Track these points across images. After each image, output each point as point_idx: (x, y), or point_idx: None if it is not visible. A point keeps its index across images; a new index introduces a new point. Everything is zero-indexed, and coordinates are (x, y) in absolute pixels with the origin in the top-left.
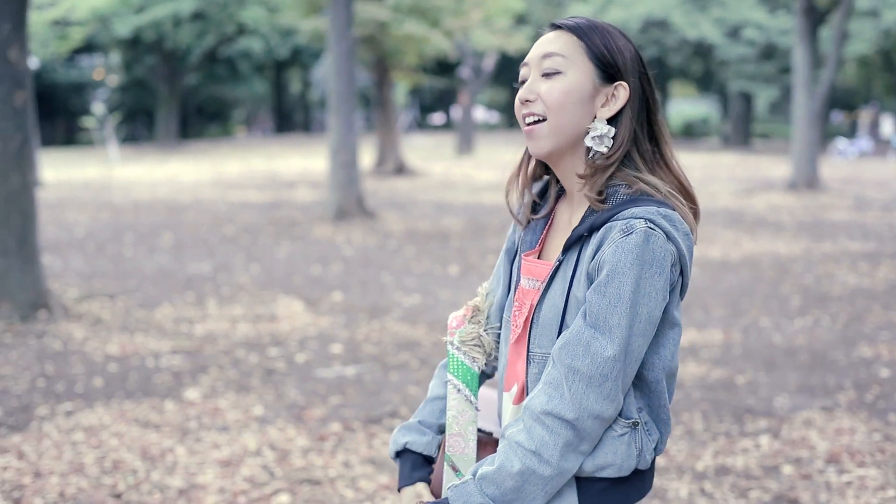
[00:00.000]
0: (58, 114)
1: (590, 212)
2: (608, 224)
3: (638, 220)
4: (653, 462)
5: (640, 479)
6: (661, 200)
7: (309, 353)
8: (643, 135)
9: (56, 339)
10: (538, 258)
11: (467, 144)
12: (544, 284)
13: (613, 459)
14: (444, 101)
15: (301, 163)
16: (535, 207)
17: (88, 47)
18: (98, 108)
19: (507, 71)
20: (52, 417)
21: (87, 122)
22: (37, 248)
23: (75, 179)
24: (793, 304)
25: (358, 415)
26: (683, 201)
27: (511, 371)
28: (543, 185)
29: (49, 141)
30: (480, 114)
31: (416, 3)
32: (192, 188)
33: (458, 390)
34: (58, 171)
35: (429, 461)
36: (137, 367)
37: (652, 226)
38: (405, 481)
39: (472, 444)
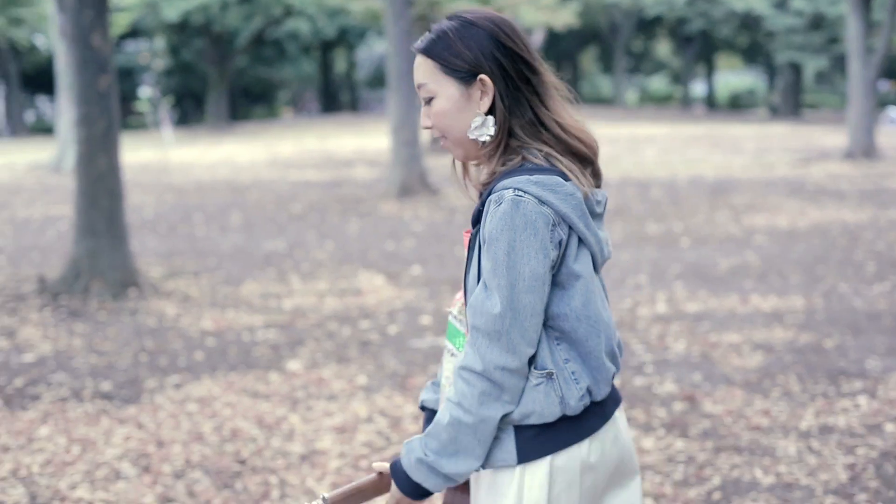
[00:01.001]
0: None
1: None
2: (488, 198)
3: (507, 191)
4: (591, 406)
5: (572, 423)
6: (538, 167)
7: (399, 324)
8: (521, 109)
9: (150, 316)
10: None
11: None
12: (466, 257)
13: (534, 408)
14: None
15: (353, 142)
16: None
17: (134, 32)
18: (148, 91)
19: (554, 47)
20: (162, 390)
21: (141, 105)
22: (125, 228)
23: (132, 162)
24: (868, 269)
25: None
26: (568, 161)
27: None
28: None
29: None
30: None
31: None
32: (249, 169)
33: (452, 354)
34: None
35: None
36: (234, 340)
37: (520, 193)
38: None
39: None
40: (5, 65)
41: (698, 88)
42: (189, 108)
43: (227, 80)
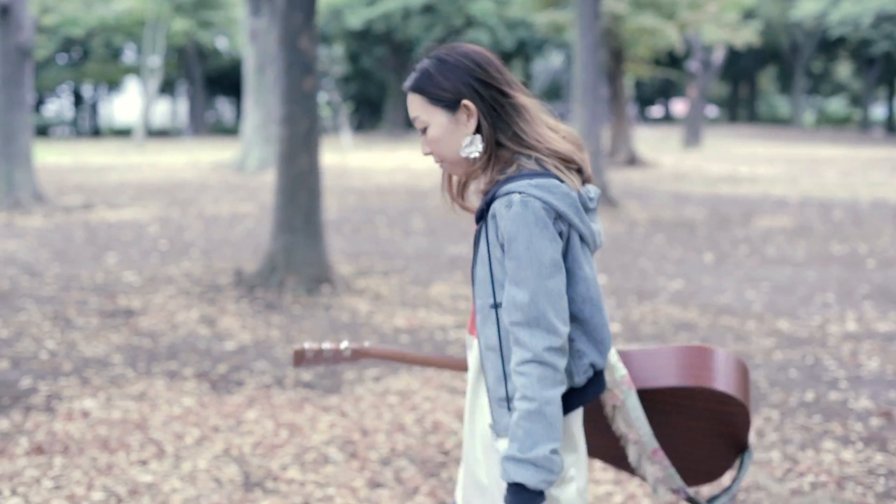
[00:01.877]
0: None
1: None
2: (495, 202)
3: (514, 195)
4: (594, 376)
5: (577, 393)
6: (534, 172)
7: None
8: (503, 125)
9: (343, 312)
10: None
11: (695, 137)
12: (473, 251)
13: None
14: (662, 93)
15: None
16: None
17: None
18: (330, 97)
19: (733, 65)
20: (362, 382)
21: (322, 110)
22: (321, 226)
23: None
24: None
25: None
26: (555, 163)
27: None
28: None
29: None
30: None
31: None
32: (428, 175)
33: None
34: None
35: None
36: (427, 338)
37: (525, 195)
38: None
39: None
40: (191, 67)
41: (878, 111)
42: (365, 114)
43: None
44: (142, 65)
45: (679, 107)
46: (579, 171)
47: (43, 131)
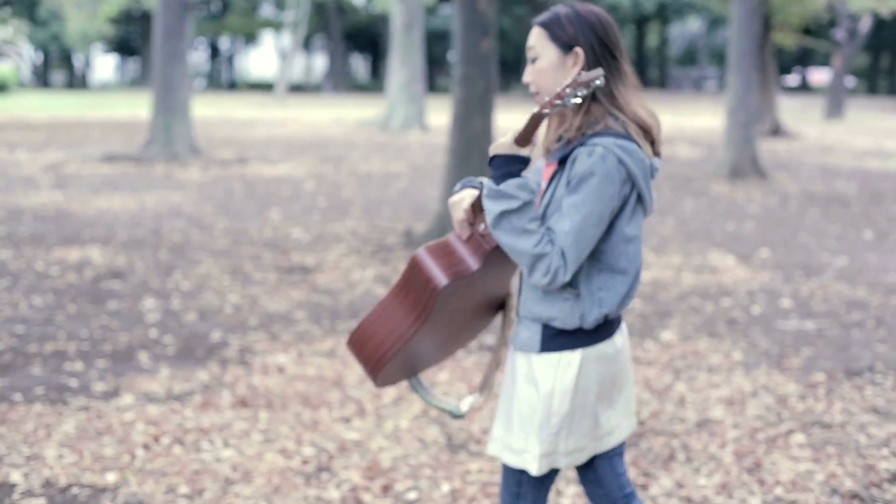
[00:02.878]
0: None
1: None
2: (580, 148)
3: (597, 146)
4: (604, 323)
5: (586, 334)
6: (619, 133)
7: (761, 305)
8: (608, 82)
9: None
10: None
11: (837, 108)
12: (545, 185)
13: (558, 314)
14: (799, 61)
15: (666, 119)
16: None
17: None
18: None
19: (875, 35)
20: None
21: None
22: None
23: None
24: None
25: (836, 366)
26: (640, 134)
27: None
28: None
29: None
30: (822, 76)
31: None
32: None
33: None
34: (438, 116)
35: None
36: None
37: (606, 151)
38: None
39: None
40: (330, 22)
41: None
42: (501, 75)
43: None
44: (280, 19)
45: (816, 76)
46: (652, 143)
47: None
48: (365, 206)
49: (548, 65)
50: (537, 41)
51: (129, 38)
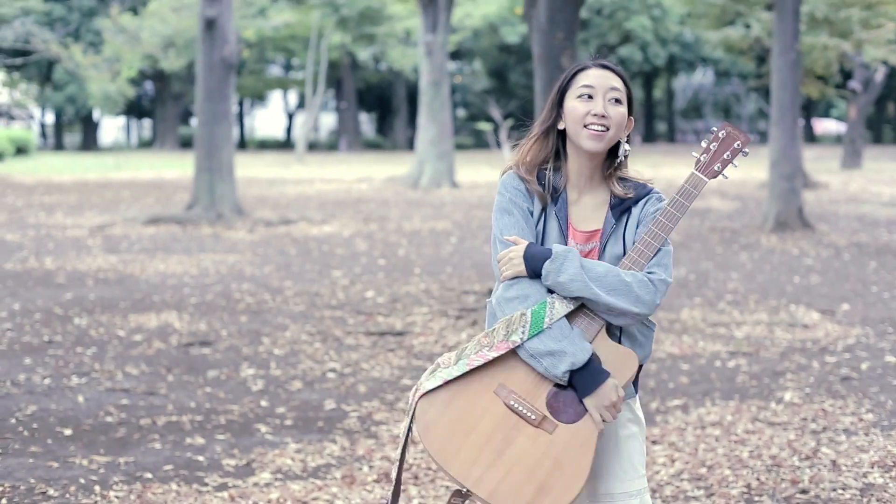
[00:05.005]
0: None
1: (620, 191)
2: (647, 197)
3: (658, 194)
4: None
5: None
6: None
7: (867, 361)
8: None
9: None
10: (576, 229)
11: (855, 158)
12: (602, 243)
13: (648, 352)
14: (805, 110)
15: (685, 172)
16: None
17: (456, 54)
18: (491, 113)
19: (886, 85)
20: (670, 412)
21: (483, 125)
22: None
23: (481, 181)
24: None
25: None
26: None
27: None
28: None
29: None
30: (833, 126)
31: (830, 13)
32: None
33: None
34: (463, 172)
35: None
36: (708, 367)
37: (662, 196)
38: None
39: None
40: (343, 81)
41: None
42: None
43: None
44: (288, 79)
45: (819, 127)
46: None
47: (188, 143)
48: (425, 265)
49: (624, 114)
50: (622, 88)
51: (138, 100)
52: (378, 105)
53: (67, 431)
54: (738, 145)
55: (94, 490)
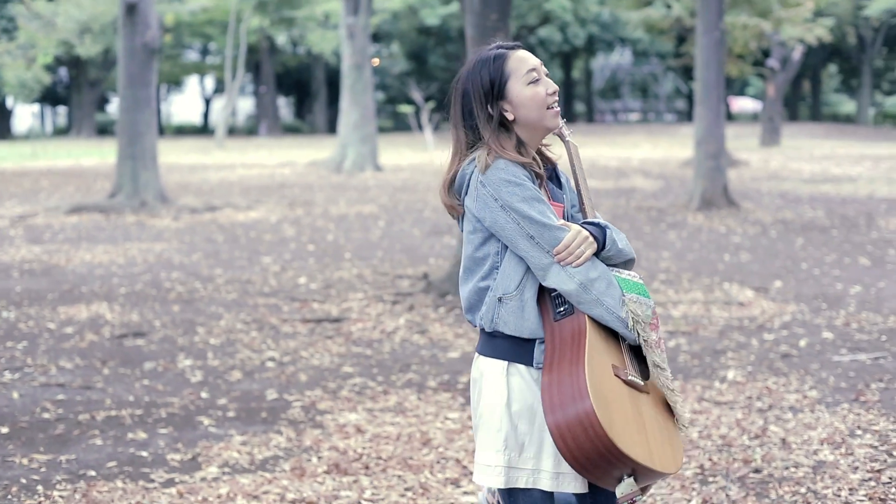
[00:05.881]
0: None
1: (549, 164)
2: (556, 164)
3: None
4: None
5: None
6: None
7: (805, 338)
8: None
9: None
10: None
11: (774, 136)
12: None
13: None
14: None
15: (609, 152)
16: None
17: (374, 36)
18: (412, 95)
19: (804, 64)
20: None
21: (404, 108)
22: None
23: (404, 164)
24: None
25: None
26: None
27: None
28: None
29: None
30: (749, 104)
31: None
32: None
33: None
34: (386, 155)
35: None
36: None
37: None
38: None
39: None
40: (262, 65)
41: None
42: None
43: None
44: (205, 64)
45: (737, 104)
46: None
47: (105, 130)
48: (355, 250)
49: None
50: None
51: (53, 86)
52: (296, 89)
53: (4, 430)
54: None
55: (37, 490)
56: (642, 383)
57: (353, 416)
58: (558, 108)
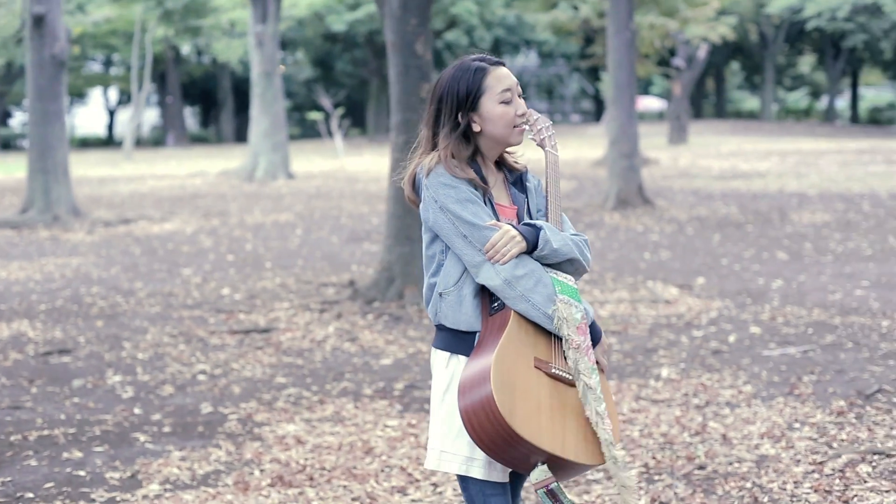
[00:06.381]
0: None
1: (514, 171)
2: (526, 171)
3: (526, 167)
4: None
5: None
6: None
7: (733, 334)
8: None
9: None
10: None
11: (682, 133)
12: (520, 216)
13: None
14: None
15: (519, 152)
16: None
17: (280, 44)
18: (321, 102)
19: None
20: None
21: (314, 115)
22: None
23: (315, 171)
24: None
25: (847, 392)
26: None
27: None
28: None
29: None
30: (654, 103)
31: None
32: None
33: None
34: (297, 163)
35: None
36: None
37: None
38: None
39: None
40: (168, 77)
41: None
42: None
43: (387, 92)
44: (108, 75)
45: (641, 103)
46: None
47: (7, 145)
48: (276, 259)
49: None
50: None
51: None
52: (201, 98)
53: None
54: (549, 125)
55: None
56: (570, 377)
57: (291, 427)
58: (525, 128)
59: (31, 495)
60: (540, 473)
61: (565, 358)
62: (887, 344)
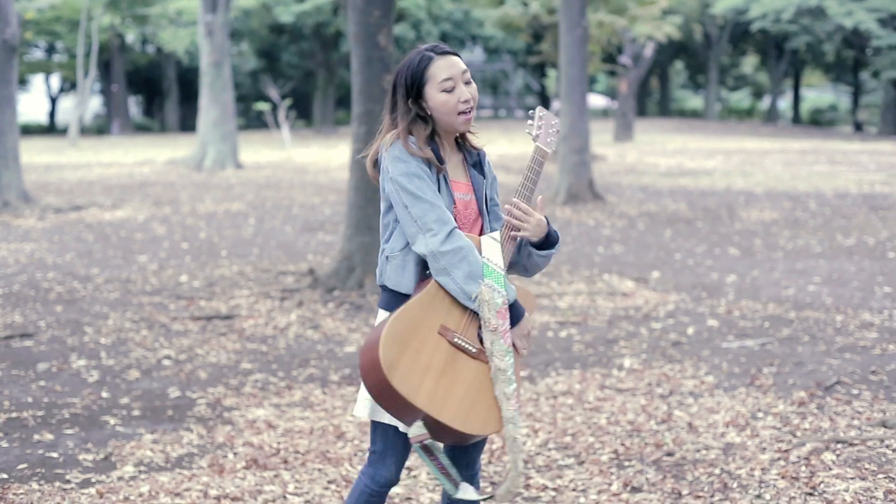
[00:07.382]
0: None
1: (471, 151)
2: (484, 155)
3: (484, 151)
4: None
5: None
6: None
7: (691, 326)
8: None
9: None
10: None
11: (628, 130)
12: (477, 195)
13: None
14: None
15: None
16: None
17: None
18: (268, 93)
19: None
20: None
21: (261, 106)
22: None
23: (263, 161)
24: None
25: (807, 383)
26: None
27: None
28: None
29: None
30: (598, 100)
31: None
32: None
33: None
34: (245, 153)
35: None
36: (543, 338)
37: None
38: None
39: None
40: (113, 65)
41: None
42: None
43: (334, 84)
44: (50, 63)
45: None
46: None
47: None
48: (231, 248)
49: (476, 91)
50: (466, 66)
51: None
52: (145, 87)
53: None
54: (555, 123)
55: None
56: (474, 350)
57: (260, 411)
58: (471, 115)
59: (4, 476)
60: (416, 430)
61: (479, 336)
62: (842, 338)
